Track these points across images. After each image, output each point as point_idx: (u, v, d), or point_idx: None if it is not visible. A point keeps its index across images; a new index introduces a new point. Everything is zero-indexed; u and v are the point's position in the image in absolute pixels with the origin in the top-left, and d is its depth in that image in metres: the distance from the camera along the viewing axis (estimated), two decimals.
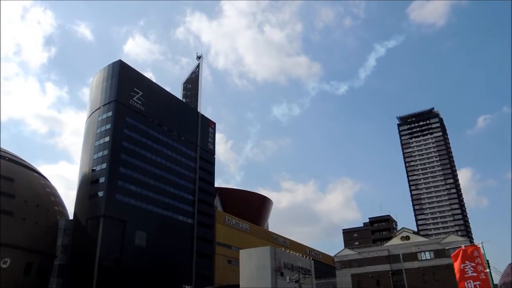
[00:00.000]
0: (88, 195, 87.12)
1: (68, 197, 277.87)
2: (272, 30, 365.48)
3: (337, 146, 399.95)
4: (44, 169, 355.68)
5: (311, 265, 79.60)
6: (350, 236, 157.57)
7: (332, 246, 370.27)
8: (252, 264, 69.54)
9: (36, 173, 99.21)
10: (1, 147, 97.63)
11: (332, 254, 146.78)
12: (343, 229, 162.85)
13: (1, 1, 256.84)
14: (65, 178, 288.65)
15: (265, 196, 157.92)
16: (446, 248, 75.09)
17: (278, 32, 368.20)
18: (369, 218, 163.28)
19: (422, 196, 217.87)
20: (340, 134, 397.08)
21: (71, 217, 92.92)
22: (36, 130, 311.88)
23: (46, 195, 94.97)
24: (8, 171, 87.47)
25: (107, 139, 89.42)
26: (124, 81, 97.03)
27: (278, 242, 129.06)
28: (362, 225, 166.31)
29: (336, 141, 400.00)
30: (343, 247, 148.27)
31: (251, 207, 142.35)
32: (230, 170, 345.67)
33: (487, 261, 24.12)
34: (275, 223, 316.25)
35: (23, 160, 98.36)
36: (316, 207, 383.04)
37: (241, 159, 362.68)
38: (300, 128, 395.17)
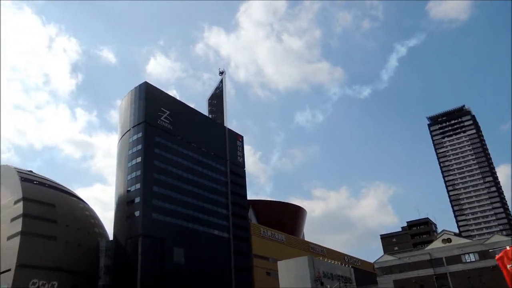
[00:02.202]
0: (125, 215, 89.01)
1: (105, 218, 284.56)
2: (291, 39, 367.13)
3: (366, 150, 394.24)
4: (80, 192, 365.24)
5: (351, 273, 78.29)
6: (389, 241, 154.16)
7: (370, 252, 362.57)
8: (291, 275, 69.01)
9: (75, 197, 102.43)
10: (39, 174, 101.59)
11: (371, 261, 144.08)
12: (380, 235, 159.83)
13: (28, 30, 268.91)
14: (100, 200, 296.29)
15: (298, 206, 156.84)
16: (491, 249, 72.44)
17: (296, 40, 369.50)
18: (407, 222, 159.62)
19: (460, 197, 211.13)
20: (367, 138, 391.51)
21: (110, 238, 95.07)
22: (70, 155, 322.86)
23: (86, 218, 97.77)
24: (49, 198, 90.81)
25: (139, 159, 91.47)
26: (150, 102, 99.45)
27: (315, 251, 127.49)
28: (400, 229, 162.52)
29: (364, 145, 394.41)
30: (382, 253, 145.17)
31: (285, 217, 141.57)
32: (260, 181, 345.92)
33: None
34: (310, 232, 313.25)
35: (62, 186, 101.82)
36: (350, 214, 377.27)
37: (270, 170, 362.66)
38: (326, 134, 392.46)
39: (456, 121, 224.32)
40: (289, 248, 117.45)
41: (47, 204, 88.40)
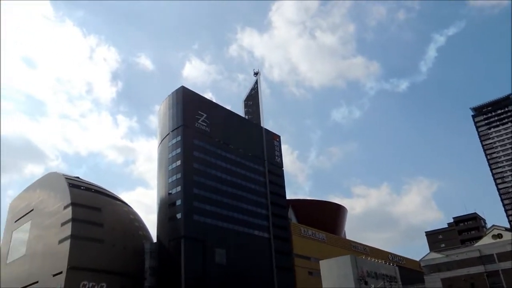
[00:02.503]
0: (167, 217, 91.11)
1: (149, 220, 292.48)
2: (324, 35, 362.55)
3: (406, 145, 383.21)
4: (123, 196, 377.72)
5: (396, 272, 76.40)
6: (435, 238, 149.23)
7: (415, 250, 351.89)
8: (334, 275, 68.23)
9: (119, 201, 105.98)
10: (85, 179, 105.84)
11: (417, 259, 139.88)
12: (425, 232, 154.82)
13: (70, 43, 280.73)
14: (143, 203, 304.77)
15: (338, 204, 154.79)
16: None
17: (330, 36, 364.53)
18: (453, 218, 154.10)
19: (511, 190, 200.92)
20: (407, 132, 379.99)
21: (154, 240, 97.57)
22: (113, 161, 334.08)
23: (131, 221, 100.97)
24: (95, 202, 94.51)
25: (179, 162, 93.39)
26: (188, 106, 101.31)
27: (357, 250, 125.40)
28: (446, 225, 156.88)
29: (404, 140, 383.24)
30: (427, 250, 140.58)
31: (325, 216, 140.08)
32: (299, 180, 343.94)
33: None
34: (351, 231, 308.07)
35: (107, 190, 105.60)
36: (392, 211, 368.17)
37: (308, 168, 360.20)
38: (363, 130, 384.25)
39: (502, 110, 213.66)
40: (331, 247, 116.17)
41: (94, 209, 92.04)
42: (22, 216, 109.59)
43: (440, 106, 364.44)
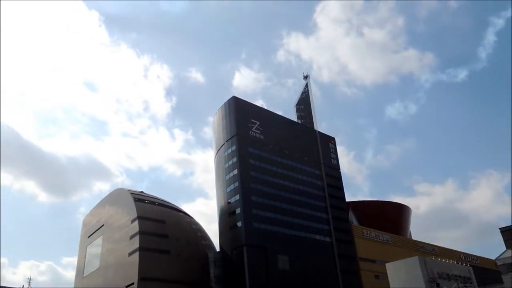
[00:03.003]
0: (228, 226, 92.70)
1: (210, 230, 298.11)
2: (372, 31, 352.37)
3: (469, 138, 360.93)
4: (185, 207, 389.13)
5: (470, 272, 72.06)
6: (511, 234, 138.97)
7: (489, 247, 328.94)
8: (402, 277, 65.66)
9: (182, 213, 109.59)
10: (148, 193, 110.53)
11: (492, 257, 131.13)
12: (500, 228, 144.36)
13: (126, 64, 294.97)
14: (203, 213, 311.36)
15: (401, 204, 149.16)
16: None
17: (378, 32, 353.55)
18: None
19: None
20: (469, 124, 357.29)
21: (217, 248, 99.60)
22: (173, 174, 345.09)
23: (193, 231, 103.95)
24: (159, 215, 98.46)
25: (235, 171, 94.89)
26: (240, 115, 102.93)
27: (425, 250, 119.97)
28: None
29: (466, 132, 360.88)
30: (503, 248, 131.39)
31: (388, 217, 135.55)
32: (357, 182, 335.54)
33: None
34: (417, 231, 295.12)
35: (169, 202, 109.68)
36: (460, 207, 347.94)
37: (365, 169, 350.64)
38: (421, 125, 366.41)
39: None
40: (396, 249, 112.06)
41: (159, 221, 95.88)
42: (95, 232, 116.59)
43: (504, 93, 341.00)
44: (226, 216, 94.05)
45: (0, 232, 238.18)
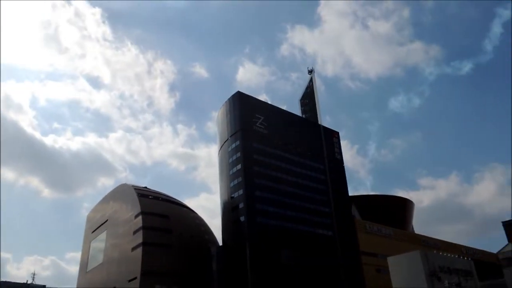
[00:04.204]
0: (231, 221, 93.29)
1: (213, 225, 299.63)
2: (377, 23, 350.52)
3: (473, 131, 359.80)
4: (188, 202, 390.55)
5: (472, 266, 72.51)
6: None
7: (492, 242, 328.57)
8: (404, 271, 66.25)
9: (185, 208, 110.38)
10: (152, 189, 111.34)
11: (494, 251, 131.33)
12: (502, 222, 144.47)
13: (130, 60, 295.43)
14: (207, 208, 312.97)
15: (403, 198, 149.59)
16: None
17: (384, 24, 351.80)
18: None
19: None
20: (474, 118, 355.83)
21: (219, 243, 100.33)
22: (176, 168, 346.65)
23: (197, 226, 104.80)
24: (163, 210, 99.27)
25: (239, 166, 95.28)
26: (244, 110, 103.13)
27: (428, 244, 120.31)
28: None
29: (470, 126, 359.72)
30: (506, 242, 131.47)
31: (391, 211, 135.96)
32: (360, 176, 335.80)
33: None
34: (420, 225, 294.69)
35: (172, 198, 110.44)
36: (464, 201, 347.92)
37: (369, 163, 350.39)
38: (425, 118, 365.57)
39: None
40: (398, 243, 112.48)
41: (162, 216, 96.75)
42: (98, 227, 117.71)
43: (509, 87, 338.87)
44: (229, 211, 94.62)
45: (0, 227, 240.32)
